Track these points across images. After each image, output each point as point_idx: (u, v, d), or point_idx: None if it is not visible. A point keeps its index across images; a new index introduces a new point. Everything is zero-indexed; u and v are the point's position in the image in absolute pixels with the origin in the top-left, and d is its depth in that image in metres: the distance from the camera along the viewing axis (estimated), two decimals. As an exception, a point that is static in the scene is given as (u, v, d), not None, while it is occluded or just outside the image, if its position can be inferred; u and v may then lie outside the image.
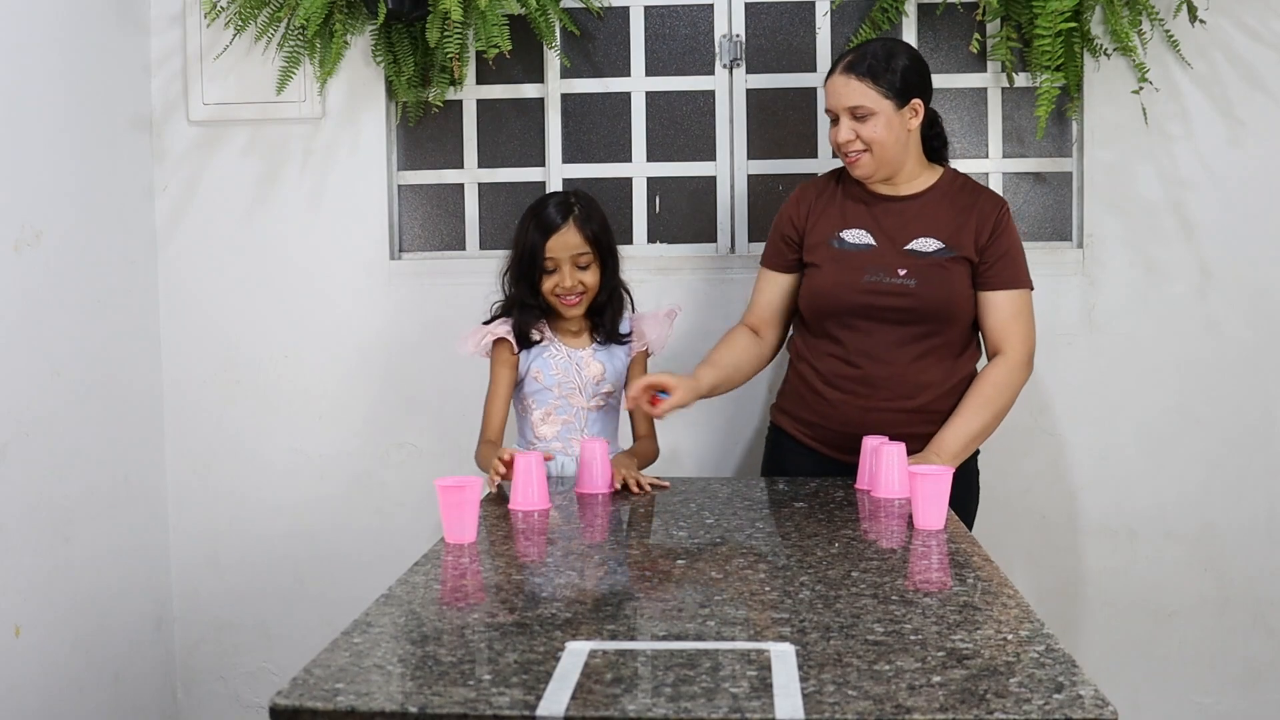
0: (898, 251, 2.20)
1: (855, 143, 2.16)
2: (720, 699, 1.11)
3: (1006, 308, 2.21)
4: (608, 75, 2.85)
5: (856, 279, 2.20)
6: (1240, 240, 2.71)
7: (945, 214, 2.22)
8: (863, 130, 2.15)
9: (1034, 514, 2.78)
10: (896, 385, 2.19)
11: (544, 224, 2.24)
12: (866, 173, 2.20)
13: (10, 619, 2.30)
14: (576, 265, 2.23)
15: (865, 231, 2.23)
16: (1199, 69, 2.68)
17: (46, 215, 2.42)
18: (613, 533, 1.89)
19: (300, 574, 2.92)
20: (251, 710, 2.95)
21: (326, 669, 1.21)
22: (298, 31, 2.73)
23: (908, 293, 2.17)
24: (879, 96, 2.14)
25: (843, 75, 2.16)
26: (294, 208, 2.86)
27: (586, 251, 2.24)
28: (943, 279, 2.18)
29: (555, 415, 2.30)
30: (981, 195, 2.25)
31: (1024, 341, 2.22)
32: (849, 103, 2.15)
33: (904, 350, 2.19)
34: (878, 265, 2.20)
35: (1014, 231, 2.25)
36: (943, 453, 2.14)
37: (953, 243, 2.20)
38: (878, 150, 2.17)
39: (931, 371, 2.20)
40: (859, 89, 2.14)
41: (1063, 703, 1.09)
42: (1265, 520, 2.75)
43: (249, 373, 2.89)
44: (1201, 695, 2.78)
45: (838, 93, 2.17)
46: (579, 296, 2.25)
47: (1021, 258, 2.25)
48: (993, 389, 2.19)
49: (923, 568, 1.63)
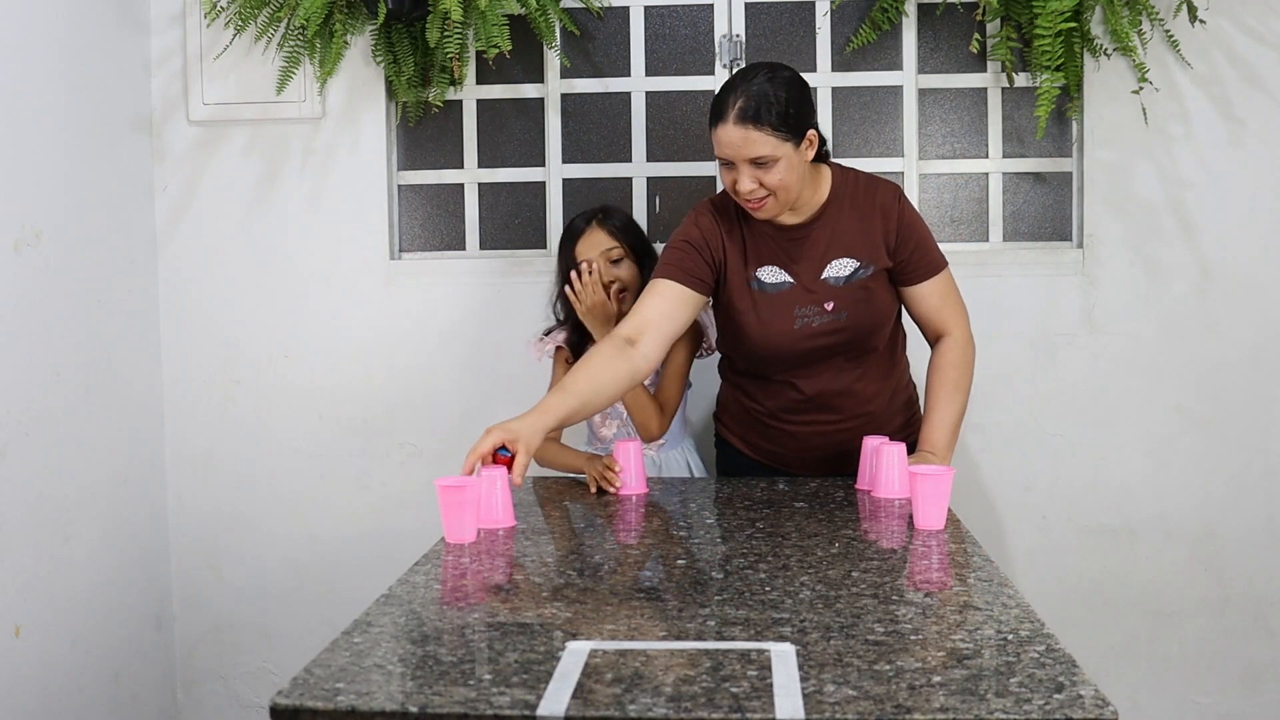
0: (817, 282, 2.13)
1: (758, 190, 2.03)
2: (720, 699, 1.11)
3: (935, 294, 2.20)
4: (608, 75, 2.85)
5: (788, 325, 2.13)
6: (1240, 240, 2.71)
7: (850, 226, 2.15)
8: (766, 178, 2.01)
9: (1034, 514, 2.78)
10: (849, 404, 2.22)
11: (570, 233, 2.42)
12: (770, 215, 2.09)
13: (10, 619, 2.29)
14: (609, 261, 2.36)
15: (779, 268, 2.15)
16: (1199, 69, 2.68)
17: (46, 215, 2.42)
18: (613, 533, 1.89)
19: (300, 574, 2.92)
20: (251, 710, 2.94)
21: (327, 669, 1.21)
22: (298, 31, 2.73)
23: (841, 327, 2.14)
24: (779, 142, 2.00)
25: (738, 126, 1.98)
26: (294, 208, 2.86)
27: (615, 246, 2.37)
28: (868, 301, 2.15)
29: (611, 419, 2.43)
30: (876, 191, 2.17)
31: (962, 316, 2.23)
32: (749, 154, 1.99)
33: (843, 376, 2.20)
34: (803, 305, 2.13)
35: (914, 215, 2.18)
36: (936, 449, 2.14)
37: (866, 257, 2.14)
38: (782, 194, 2.04)
39: (866, 387, 2.22)
40: (757, 138, 1.98)
41: (1063, 703, 1.09)
42: (1265, 521, 2.75)
43: (249, 373, 2.89)
44: (1201, 695, 2.78)
45: (734, 144, 2.00)
46: (623, 293, 2.36)
47: (931, 239, 2.20)
48: (955, 371, 2.20)
49: (923, 568, 1.63)
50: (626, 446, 2.12)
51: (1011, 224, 2.82)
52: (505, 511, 1.87)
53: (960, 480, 2.54)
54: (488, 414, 2.82)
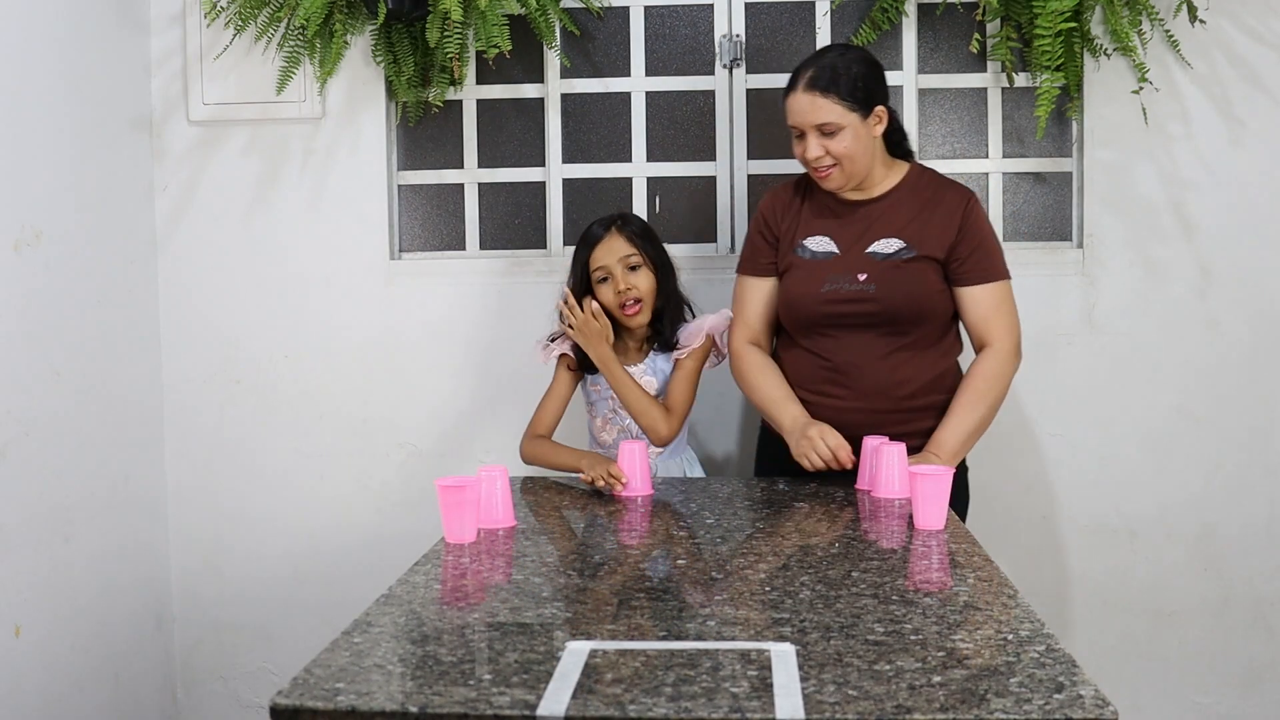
0: (858, 256, 2.21)
1: (825, 158, 2.16)
2: (720, 699, 1.11)
3: (986, 301, 2.21)
4: (608, 75, 2.85)
5: (816, 289, 2.21)
6: (1240, 240, 2.71)
7: (907, 212, 2.22)
8: (832, 145, 2.15)
9: (1034, 514, 2.78)
10: (870, 384, 2.19)
11: (587, 239, 2.34)
12: (837, 185, 2.21)
13: (10, 619, 2.30)
14: (627, 268, 2.30)
15: (827, 238, 2.25)
16: (1199, 69, 2.68)
17: (46, 215, 2.42)
18: (613, 533, 1.89)
19: (300, 574, 2.92)
20: (251, 710, 2.94)
21: (327, 669, 1.21)
22: (298, 31, 2.73)
23: (868, 298, 2.18)
24: (845, 111, 2.14)
25: (806, 93, 2.14)
26: (294, 208, 2.86)
27: (634, 253, 2.31)
28: (902, 280, 2.18)
29: (611, 424, 2.41)
30: (947, 190, 2.25)
31: (1009, 332, 2.22)
32: (816, 120, 2.14)
33: (874, 351, 2.20)
34: (837, 273, 2.21)
35: (985, 223, 2.24)
36: (942, 451, 2.14)
37: (914, 241, 2.20)
38: (847, 164, 2.17)
39: (904, 369, 2.20)
40: (824, 105, 2.13)
41: (1063, 703, 1.09)
42: (1265, 520, 2.75)
43: (249, 373, 2.89)
44: (1201, 695, 2.78)
45: (802, 111, 2.15)
46: (637, 304, 2.31)
47: (996, 249, 2.24)
48: (984, 382, 2.19)
49: (923, 568, 1.63)
50: (632, 447, 2.12)
51: (1011, 224, 2.82)
52: (505, 511, 1.87)
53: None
54: (487, 414, 2.83)
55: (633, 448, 2.12)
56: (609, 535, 1.88)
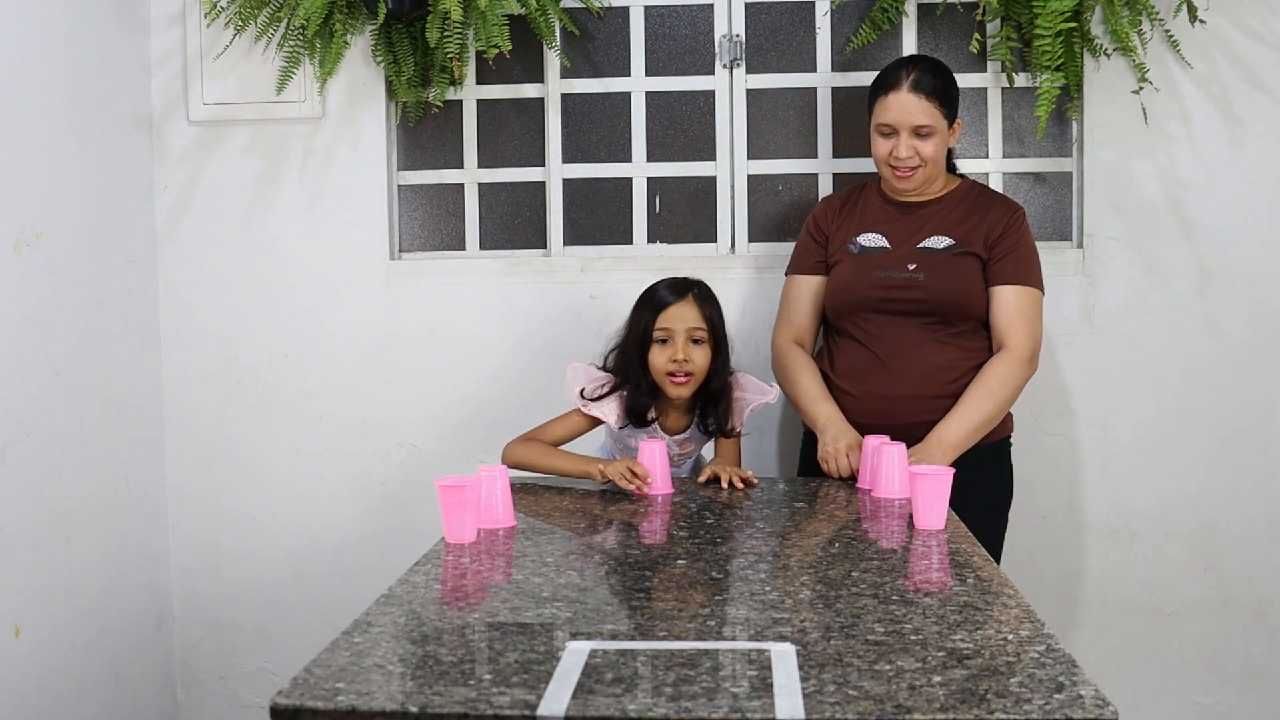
0: (910, 249, 2.30)
1: (913, 158, 2.26)
2: (720, 699, 1.11)
3: (1012, 302, 2.27)
4: (608, 75, 2.85)
5: (868, 276, 2.30)
6: (1240, 240, 2.71)
7: (958, 215, 2.32)
8: (923, 148, 2.26)
9: (1034, 514, 2.78)
10: (914, 371, 2.25)
11: (658, 300, 2.23)
12: (916, 185, 2.31)
13: (10, 619, 2.29)
14: (690, 340, 2.20)
15: (880, 235, 2.34)
16: (1199, 69, 2.68)
17: (46, 215, 2.42)
18: (614, 533, 1.89)
19: (300, 574, 2.92)
20: (251, 710, 2.94)
21: (327, 669, 1.21)
22: (298, 31, 2.73)
23: (917, 285, 2.26)
24: (941, 116, 2.27)
25: (912, 94, 2.24)
26: (294, 208, 2.86)
27: (701, 327, 2.21)
28: (951, 272, 2.26)
29: None
30: (997, 200, 2.37)
31: (1028, 337, 2.26)
32: (917, 121, 2.24)
33: (917, 339, 2.26)
34: (889, 264, 2.30)
35: (1027, 234, 2.32)
36: (943, 443, 2.15)
37: (963, 240, 2.29)
38: (931, 166, 2.28)
39: (945, 355, 2.26)
40: (928, 109, 2.25)
41: (1063, 703, 1.09)
42: (1265, 520, 2.75)
43: (249, 373, 2.89)
44: (1201, 695, 2.78)
45: (907, 110, 2.25)
46: (688, 377, 2.20)
47: (1034, 259, 2.32)
48: (996, 380, 2.23)
49: (923, 568, 1.63)
50: (652, 446, 2.11)
51: (1011, 224, 2.82)
52: (505, 511, 1.87)
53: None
54: (487, 414, 2.83)
55: (653, 446, 2.11)
56: (609, 535, 1.88)
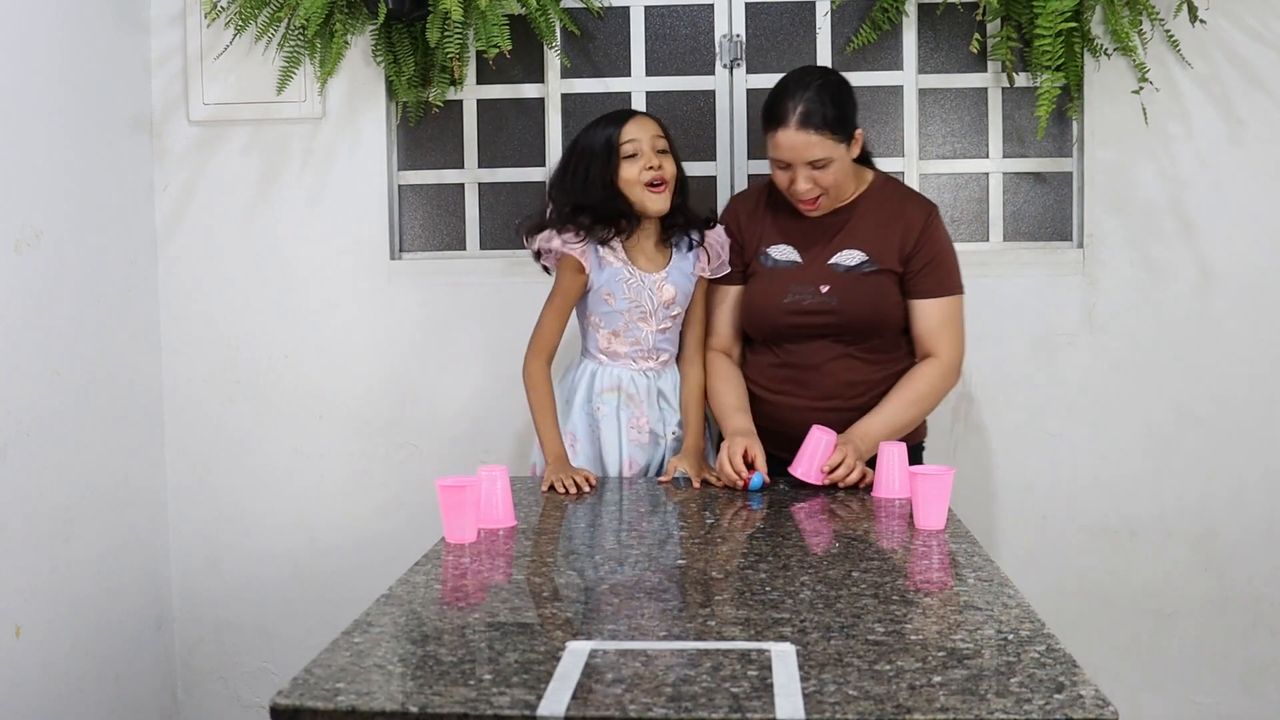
0: (820, 267, 2.24)
1: (813, 190, 2.17)
2: (720, 699, 1.11)
3: (935, 315, 2.23)
4: (608, 75, 2.85)
5: (779, 299, 2.24)
6: (1240, 240, 2.71)
7: (870, 225, 2.25)
8: (821, 178, 2.16)
9: (1034, 514, 2.78)
10: (827, 387, 2.23)
11: (615, 117, 2.27)
12: (823, 210, 2.23)
13: (10, 619, 2.29)
14: (656, 150, 2.25)
15: (791, 247, 2.28)
16: (1199, 69, 2.68)
17: (46, 215, 2.42)
18: (614, 533, 1.89)
19: (300, 574, 2.92)
20: (251, 710, 2.94)
21: (327, 669, 1.21)
22: (298, 31, 2.73)
23: (830, 309, 2.21)
24: (835, 143, 2.14)
25: (801, 131, 2.12)
26: (294, 208, 2.86)
27: (663, 135, 2.27)
28: (864, 293, 2.21)
29: (624, 336, 2.32)
30: (908, 202, 2.28)
31: (954, 347, 2.25)
32: (809, 157, 2.13)
33: (831, 354, 2.23)
34: (801, 283, 2.24)
35: (943, 237, 2.26)
36: (868, 437, 2.14)
37: (876, 254, 2.22)
38: (834, 191, 2.19)
39: (858, 371, 2.23)
40: (818, 142, 2.12)
41: (1063, 703, 1.09)
42: (1265, 520, 2.74)
43: (249, 373, 2.89)
44: (1201, 695, 2.78)
45: (795, 148, 2.13)
46: (664, 184, 2.25)
47: (951, 263, 2.26)
48: (925, 386, 2.22)
49: (923, 568, 1.63)
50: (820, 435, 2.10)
51: (1012, 224, 2.82)
52: (505, 511, 1.87)
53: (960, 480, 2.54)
54: (488, 414, 2.83)
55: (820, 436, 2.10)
56: (609, 535, 1.88)
